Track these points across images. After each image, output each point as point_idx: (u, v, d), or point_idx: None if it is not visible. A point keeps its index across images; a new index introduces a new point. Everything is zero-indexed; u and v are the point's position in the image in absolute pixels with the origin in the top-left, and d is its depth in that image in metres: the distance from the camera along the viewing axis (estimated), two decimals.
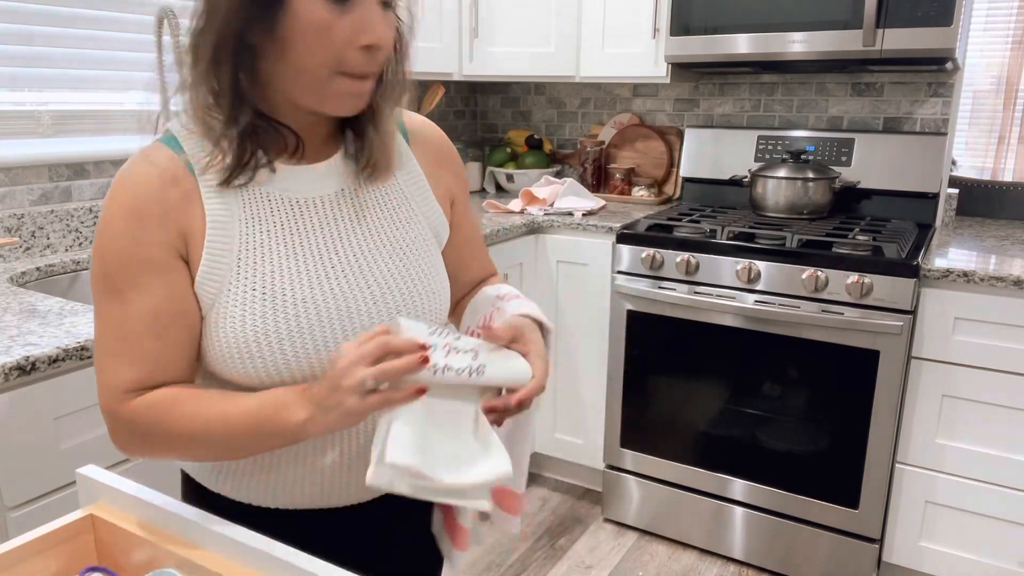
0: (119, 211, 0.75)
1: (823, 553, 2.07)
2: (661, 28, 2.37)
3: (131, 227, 0.75)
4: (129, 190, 0.76)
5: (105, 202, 0.77)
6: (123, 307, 0.76)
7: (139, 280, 0.75)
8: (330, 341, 0.79)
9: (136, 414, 0.76)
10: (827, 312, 1.94)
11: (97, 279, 0.76)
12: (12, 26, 1.71)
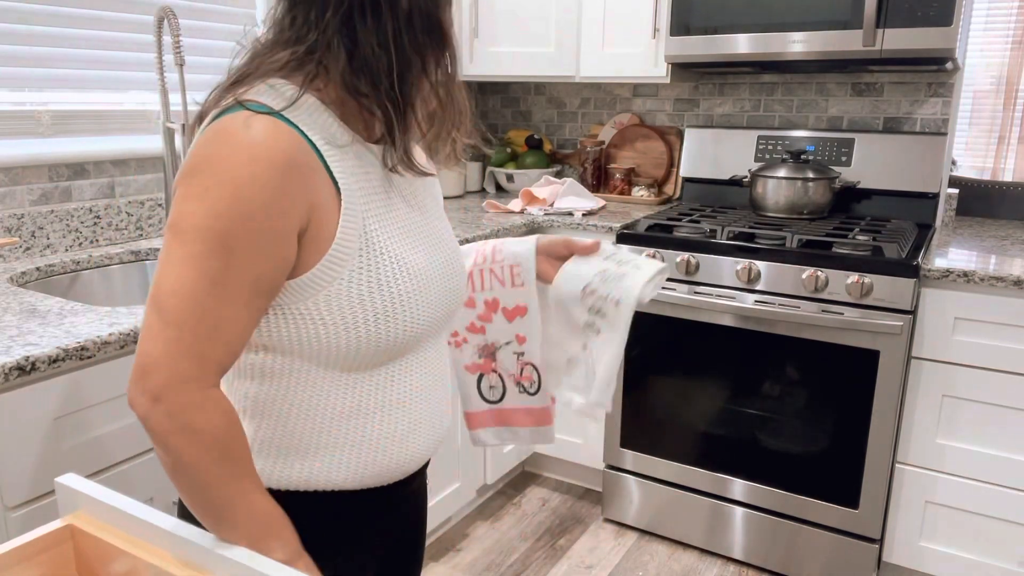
0: (252, 175, 0.70)
1: (823, 553, 2.07)
2: (661, 28, 2.37)
3: (265, 194, 0.71)
4: (263, 158, 0.70)
5: (222, 160, 0.70)
6: (228, 268, 0.71)
7: (258, 247, 0.71)
8: (432, 305, 0.85)
9: (201, 406, 0.71)
10: (827, 312, 1.94)
11: (203, 235, 0.70)
12: (12, 26, 1.72)
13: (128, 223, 1.96)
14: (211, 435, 0.71)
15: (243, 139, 0.71)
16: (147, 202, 1.99)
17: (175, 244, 0.71)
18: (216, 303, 0.71)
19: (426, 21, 0.76)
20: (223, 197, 0.70)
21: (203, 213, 0.70)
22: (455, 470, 2.25)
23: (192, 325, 0.70)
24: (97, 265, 1.81)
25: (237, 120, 0.72)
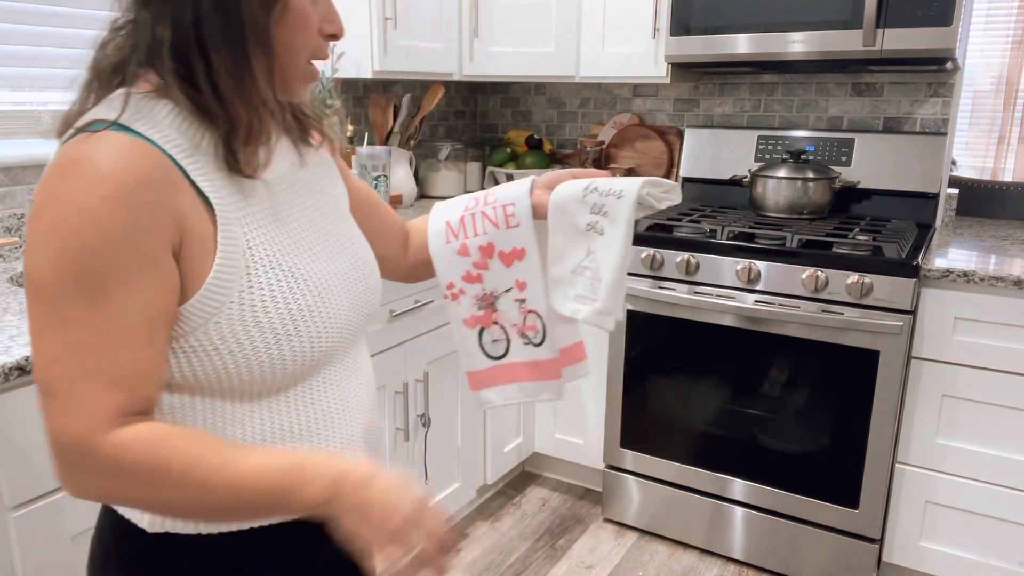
0: (102, 197, 0.62)
1: (823, 553, 2.07)
2: (661, 28, 2.37)
3: (122, 214, 0.63)
4: (112, 175, 0.63)
5: (65, 192, 0.63)
6: (109, 310, 0.64)
7: (132, 276, 0.64)
8: (338, 316, 0.78)
9: (123, 448, 0.64)
10: (827, 312, 1.94)
11: (65, 282, 0.62)
12: (12, 26, 1.72)
13: None
14: (149, 468, 0.65)
15: (84, 166, 0.63)
16: None
17: (36, 308, 0.63)
18: (108, 358, 0.64)
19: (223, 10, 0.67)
20: (73, 238, 0.62)
21: (55, 259, 0.62)
22: (455, 470, 2.25)
23: (90, 392, 0.63)
24: None
25: (75, 147, 0.64)
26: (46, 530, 1.19)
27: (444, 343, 2.10)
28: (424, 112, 2.64)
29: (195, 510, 0.68)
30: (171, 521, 0.74)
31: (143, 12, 0.68)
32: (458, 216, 1.03)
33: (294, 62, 0.73)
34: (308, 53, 0.74)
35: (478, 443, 2.34)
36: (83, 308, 0.63)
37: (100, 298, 0.63)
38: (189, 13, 0.66)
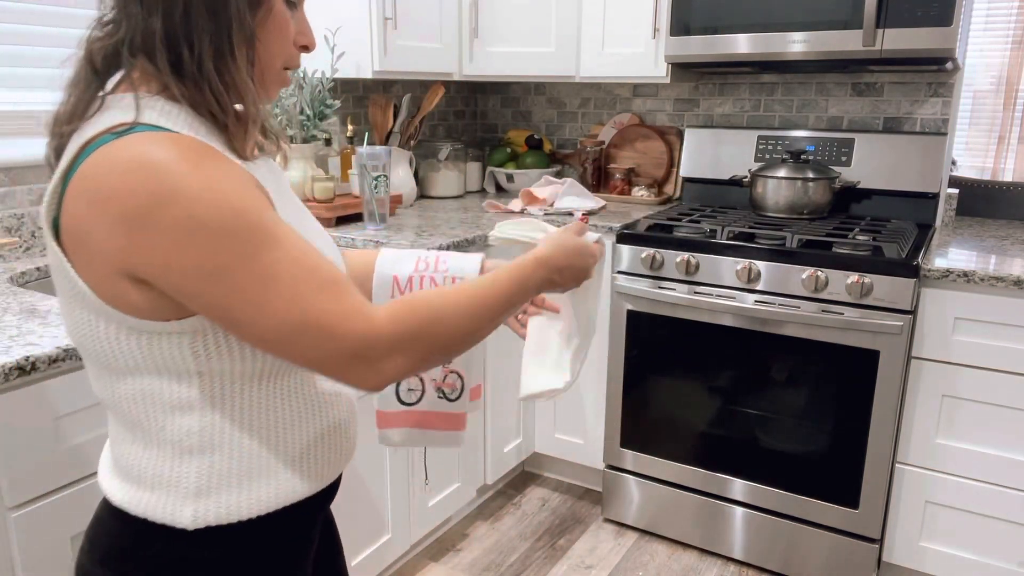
0: (209, 168, 0.66)
1: (823, 553, 2.07)
2: (661, 28, 2.37)
3: (239, 181, 0.68)
4: (203, 157, 0.67)
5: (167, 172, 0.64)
6: (288, 242, 0.69)
7: (278, 219, 0.70)
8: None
9: (398, 321, 0.72)
10: (827, 312, 1.94)
11: (237, 232, 0.65)
12: (12, 26, 1.72)
13: None
14: (429, 321, 0.74)
15: (166, 159, 0.65)
16: None
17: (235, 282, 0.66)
18: (325, 274, 0.70)
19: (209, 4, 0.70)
20: (223, 205, 0.65)
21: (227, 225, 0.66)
22: (455, 470, 2.25)
23: (337, 300, 0.69)
24: None
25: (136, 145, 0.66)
26: (46, 530, 1.19)
27: None
28: (424, 112, 2.63)
29: (478, 328, 0.79)
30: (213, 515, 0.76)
31: (134, 6, 0.70)
32: (406, 274, 1.09)
33: (271, 65, 0.78)
34: (283, 60, 0.79)
35: (478, 443, 2.34)
36: (274, 251, 0.67)
37: (276, 238, 0.68)
38: (179, 7, 0.69)
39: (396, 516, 2.01)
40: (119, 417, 0.77)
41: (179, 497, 0.76)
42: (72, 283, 0.70)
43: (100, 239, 0.66)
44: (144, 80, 0.72)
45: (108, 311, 0.70)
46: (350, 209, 2.25)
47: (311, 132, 2.25)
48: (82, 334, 0.74)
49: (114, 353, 0.73)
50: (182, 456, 0.76)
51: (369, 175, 2.11)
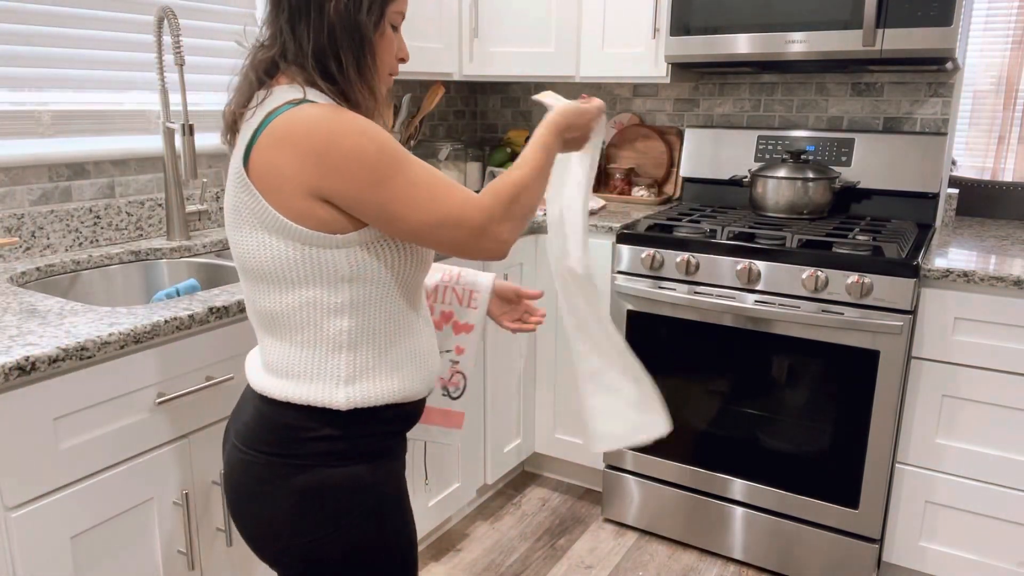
0: (364, 121, 0.95)
1: (823, 553, 2.07)
2: (661, 28, 2.37)
3: (381, 128, 0.96)
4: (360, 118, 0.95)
5: (339, 120, 0.93)
6: (419, 162, 0.97)
7: (407, 150, 0.98)
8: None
9: (496, 198, 1.00)
10: (827, 312, 1.94)
11: (389, 154, 0.94)
12: (12, 26, 1.72)
13: (128, 223, 1.96)
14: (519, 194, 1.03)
15: (330, 113, 0.93)
16: (147, 202, 1.99)
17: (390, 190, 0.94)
18: (445, 178, 0.99)
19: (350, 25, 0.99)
20: (373, 138, 0.93)
21: (383, 150, 0.94)
22: (455, 470, 2.25)
23: (460, 193, 0.98)
24: (97, 265, 1.81)
25: (313, 108, 0.94)
26: (45, 530, 1.19)
27: None
28: (424, 112, 2.63)
29: (540, 186, 1.07)
30: (360, 398, 1.01)
31: (288, 31, 0.99)
32: (433, 284, 1.37)
33: (383, 72, 1.05)
34: (389, 68, 1.06)
35: (478, 443, 2.33)
36: (408, 165, 0.95)
37: (407, 159, 0.96)
38: (325, 32, 0.97)
39: None
40: (282, 324, 1.00)
41: (333, 384, 0.99)
42: (258, 212, 0.95)
43: (292, 171, 0.92)
44: (289, 77, 1.00)
45: (290, 228, 0.94)
46: None
47: None
48: (259, 257, 0.97)
49: (286, 268, 0.97)
50: (335, 351, 0.99)
51: None
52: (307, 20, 0.97)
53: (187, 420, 1.40)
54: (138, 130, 2.01)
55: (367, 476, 1.01)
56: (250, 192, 0.95)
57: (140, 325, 1.27)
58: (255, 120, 0.96)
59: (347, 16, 0.98)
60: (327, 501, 0.99)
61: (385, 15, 1.02)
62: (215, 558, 1.50)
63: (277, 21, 0.99)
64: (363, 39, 0.99)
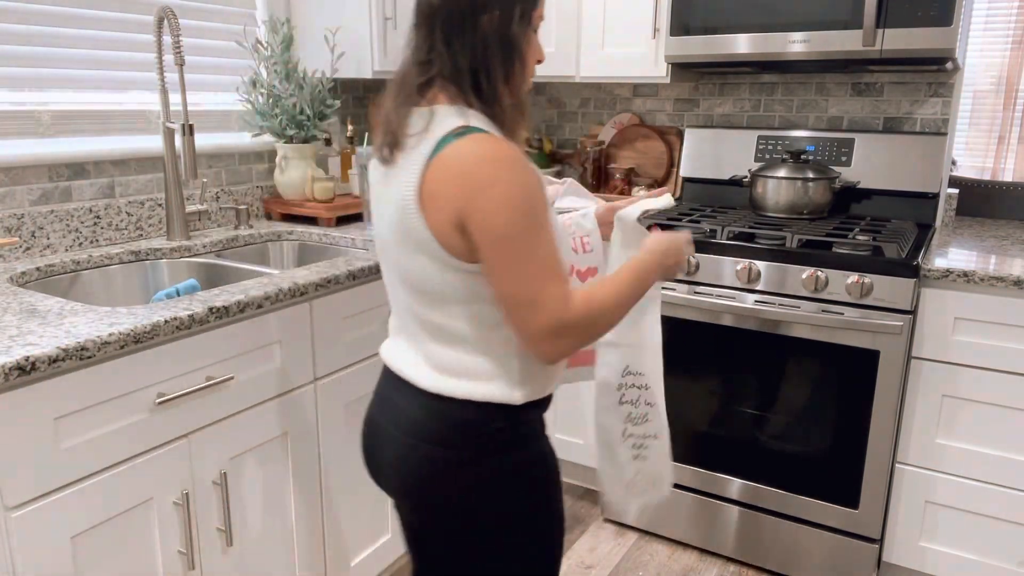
0: (525, 169, 0.99)
1: (823, 553, 2.07)
2: (661, 28, 2.37)
3: (534, 177, 0.99)
4: (519, 157, 0.99)
5: (503, 164, 0.97)
6: (547, 236, 1.00)
7: (549, 216, 1.01)
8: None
9: (587, 307, 1.03)
10: (827, 312, 1.94)
11: (528, 218, 0.98)
12: (12, 26, 1.72)
13: (128, 223, 1.96)
14: (603, 310, 1.05)
15: (502, 154, 0.98)
16: (147, 202, 1.99)
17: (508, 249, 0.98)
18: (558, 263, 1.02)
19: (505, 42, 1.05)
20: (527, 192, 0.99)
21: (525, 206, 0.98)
22: None
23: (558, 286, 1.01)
24: (97, 265, 1.81)
25: (482, 143, 0.99)
26: (45, 530, 1.19)
27: None
28: None
29: (626, 308, 1.09)
30: (530, 394, 1.11)
31: (445, 52, 1.03)
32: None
33: (528, 77, 1.10)
34: (531, 72, 1.11)
35: None
36: (541, 235, 0.99)
37: (544, 228, 0.99)
38: (480, 48, 1.02)
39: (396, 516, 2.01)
40: (453, 334, 1.08)
41: (511, 384, 1.09)
42: (423, 240, 1.02)
43: (449, 199, 0.98)
44: (447, 95, 1.04)
45: (440, 254, 1.01)
46: (350, 209, 2.25)
47: (311, 132, 2.25)
48: (425, 278, 1.05)
49: (450, 290, 1.04)
50: (508, 357, 1.09)
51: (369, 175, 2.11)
52: (461, 37, 1.02)
53: (187, 420, 1.40)
54: (138, 130, 2.01)
55: (532, 458, 1.13)
56: (417, 219, 1.01)
57: (140, 325, 1.27)
58: (424, 148, 1.01)
59: (500, 29, 1.03)
60: (501, 483, 1.10)
61: (532, 21, 1.07)
62: (215, 558, 1.50)
63: (430, 39, 1.03)
64: (514, 49, 1.04)
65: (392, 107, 1.06)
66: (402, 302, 1.12)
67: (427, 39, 1.04)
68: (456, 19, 1.01)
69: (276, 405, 1.59)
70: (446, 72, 1.03)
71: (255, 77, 2.19)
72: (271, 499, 1.62)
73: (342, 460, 1.79)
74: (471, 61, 1.02)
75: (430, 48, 1.03)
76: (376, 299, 1.82)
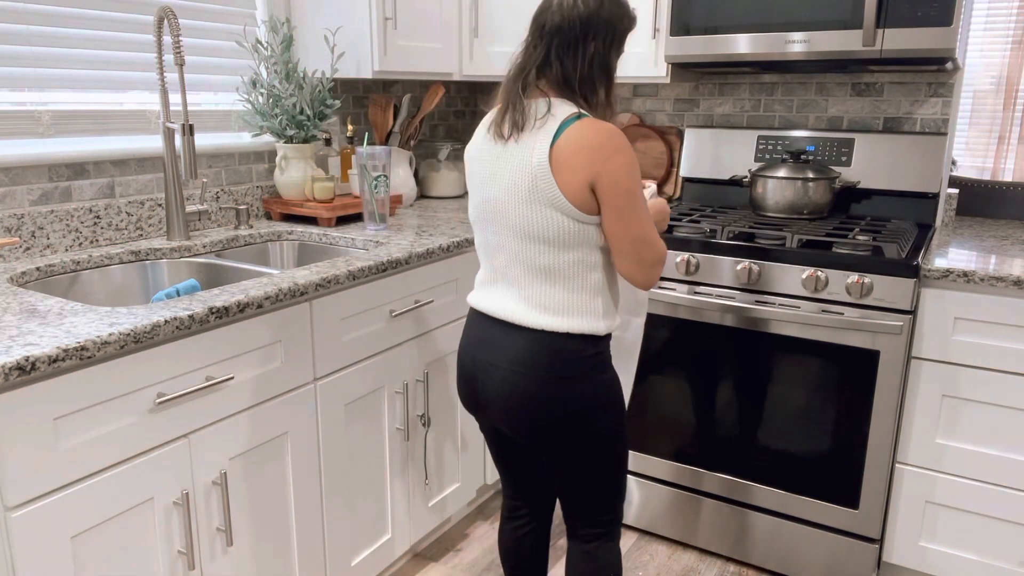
0: (629, 144, 1.33)
1: (823, 553, 2.07)
2: (661, 28, 2.37)
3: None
4: (626, 137, 1.33)
5: (624, 145, 1.29)
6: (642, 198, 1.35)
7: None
8: None
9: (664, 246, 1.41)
10: (827, 312, 1.94)
11: (638, 179, 1.31)
12: (12, 26, 1.72)
13: (128, 223, 1.96)
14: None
15: (617, 132, 1.30)
16: (147, 202, 1.99)
17: (634, 203, 1.32)
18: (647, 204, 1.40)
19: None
20: (636, 165, 1.32)
21: (635, 177, 1.31)
22: (455, 470, 2.25)
23: (652, 221, 1.37)
24: (97, 265, 1.81)
25: (599, 123, 1.30)
26: (45, 530, 1.19)
27: (444, 343, 2.10)
28: (424, 112, 2.63)
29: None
30: (608, 327, 1.40)
31: (558, 59, 1.33)
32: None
33: (617, 95, 1.43)
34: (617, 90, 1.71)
35: (478, 443, 2.34)
36: (642, 194, 1.33)
37: (640, 186, 1.33)
38: (587, 68, 1.34)
39: (396, 516, 2.01)
40: (558, 275, 1.34)
41: (597, 318, 1.37)
42: (552, 196, 1.29)
43: (581, 165, 1.27)
44: (558, 90, 1.35)
45: (570, 209, 1.29)
46: (350, 209, 2.25)
47: (311, 132, 2.25)
48: (546, 227, 1.31)
49: (564, 236, 1.31)
50: (594, 296, 1.36)
51: (369, 175, 2.11)
52: (573, 54, 1.33)
53: (187, 420, 1.40)
54: (138, 130, 2.01)
55: (612, 377, 1.42)
56: (549, 180, 1.28)
57: (140, 325, 1.28)
58: (550, 127, 1.29)
59: (602, 55, 1.35)
60: (597, 399, 1.39)
61: (622, 51, 1.41)
62: (215, 558, 1.50)
63: (547, 52, 1.34)
64: (610, 73, 1.38)
65: (515, 98, 1.34)
66: (513, 252, 1.36)
67: (545, 51, 1.34)
68: (569, 42, 1.32)
69: (276, 405, 1.59)
70: (559, 77, 1.34)
71: (255, 77, 2.19)
72: (271, 499, 1.62)
73: (342, 460, 1.79)
74: (580, 75, 1.34)
75: (546, 58, 1.34)
76: (376, 299, 1.82)
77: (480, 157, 1.40)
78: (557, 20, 1.32)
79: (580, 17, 1.32)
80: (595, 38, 1.33)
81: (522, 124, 1.32)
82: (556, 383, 1.36)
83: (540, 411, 1.38)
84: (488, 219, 1.39)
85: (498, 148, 1.36)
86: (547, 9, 1.35)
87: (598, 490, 1.48)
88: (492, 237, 1.40)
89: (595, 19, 1.33)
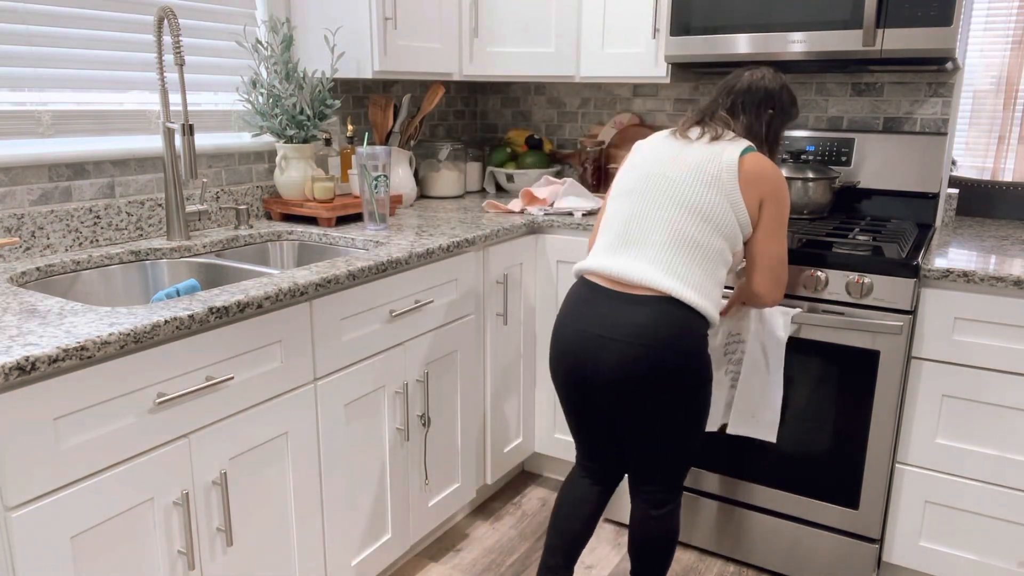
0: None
1: (823, 553, 2.07)
2: (661, 28, 2.37)
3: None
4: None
5: (782, 179, 1.66)
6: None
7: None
8: None
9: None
10: (827, 312, 1.94)
11: (787, 219, 1.69)
12: (12, 26, 1.72)
13: (128, 223, 1.96)
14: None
15: (776, 168, 1.67)
16: (147, 202, 1.99)
17: (780, 231, 1.67)
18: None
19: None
20: (788, 200, 1.68)
21: (786, 209, 1.67)
22: (455, 470, 2.25)
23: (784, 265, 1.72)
24: (97, 265, 1.81)
25: (763, 158, 1.66)
26: (45, 530, 1.19)
27: (444, 343, 2.10)
28: (424, 112, 2.64)
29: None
30: (715, 316, 1.62)
31: (743, 118, 1.73)
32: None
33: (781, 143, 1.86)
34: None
35: (478, 443, 2.34)
36: (787, 225, 1.69)
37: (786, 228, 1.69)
38: (760, 128, 1.74)
39: (396, 516, 2.01)
40: (701, 254, 1.58)
41: (715, 307, 1.61)
42: (731, 191, 1.59)
43: (758, 186, 1.62)
44: (738, 131, 1.72)
45: (739, 206, 1.60)
46: (350, 209, 2.25)
47: (311, 132, 2.25)
48: (715, 211, 1.58)
49: (723, 222, 1.59)
50: (716, 287, 1.62)
51: (369, 175, 2.11)
52: (755, 112, 1.73)
53: (187, 420, 1.40)
54: (138, 130, 2.01)
55: (709, 358, 1.63)
56: (733, 177, 1.59)
57: (140, 325, 1.28)
58: (739, 143, 1.64)
59: (777, 127, 1.77)
60: (703, 375, 1.60)
61: (790, 120, 1.80)
62: (215, 558, 1.50)
63: (734, 108, 1.73)
64: (778, 134, 1.78)
65: (709, 118, 1.72)
66: (667, 220, 1.59)
67: (732, 107, 1.73)
68: (751, 107, 1.73)
69: (276, 405, 1.59)
70: (740, 127, 1.72)
71: (255, 77, 2.19)
72: (271, 499, 1.62)
73: (342, 460, 1.79)
74: (755, 129, 1.73)
75: (734, 111, 1.73)
76: (376, 299, 1.82)
77: (656, 146, 1.69)
78: (746, 84, 1.73)
79: (765, 88, 1.73)
80: (772, 108, 1.73)
81: (712, 135, 1.66)
82: (677, 355, 1.54)
83: (657, 382, 1.55)
84: (649, 190, 1.63)
85: (682, 143, 1.67)
86: (739, 77, 1.75)
87: (680, 456, 1.68)
88: (646, 206, 1.62)
89: (775, 94, 1.74)
